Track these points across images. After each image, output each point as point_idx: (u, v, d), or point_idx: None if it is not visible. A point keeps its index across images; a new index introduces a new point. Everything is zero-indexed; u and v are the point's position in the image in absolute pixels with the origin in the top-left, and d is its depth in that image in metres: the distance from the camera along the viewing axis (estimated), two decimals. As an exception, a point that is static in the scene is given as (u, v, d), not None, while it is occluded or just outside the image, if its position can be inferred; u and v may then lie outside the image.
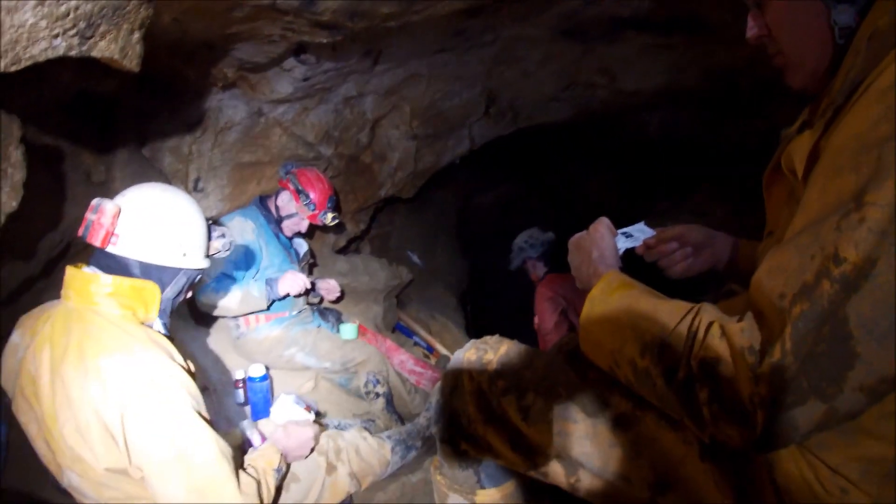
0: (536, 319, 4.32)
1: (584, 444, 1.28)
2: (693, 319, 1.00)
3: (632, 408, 1.25)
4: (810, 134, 0.97)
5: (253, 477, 1.70)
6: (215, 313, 3.21)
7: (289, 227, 3.52)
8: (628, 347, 1.08)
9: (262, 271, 3.36)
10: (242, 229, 3.25)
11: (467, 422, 1.45)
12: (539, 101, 4.46)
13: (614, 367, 1.14)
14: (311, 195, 3.37)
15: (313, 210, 3.40)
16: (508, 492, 1.52)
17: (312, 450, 2.15)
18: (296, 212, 3.44)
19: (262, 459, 1.81)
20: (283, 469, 1.90)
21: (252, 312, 3.29)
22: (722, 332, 0.95)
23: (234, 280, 3.21)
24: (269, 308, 3.32)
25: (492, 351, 1.48)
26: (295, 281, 3.25)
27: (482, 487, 1.51)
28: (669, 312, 1.04)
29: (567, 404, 1.32)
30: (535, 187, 7.65)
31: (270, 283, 3.23)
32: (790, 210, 1.01)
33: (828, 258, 0.82)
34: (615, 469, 1.24)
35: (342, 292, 3.82)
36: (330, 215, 3.47)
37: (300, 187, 3.36)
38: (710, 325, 0.97)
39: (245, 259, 3.26)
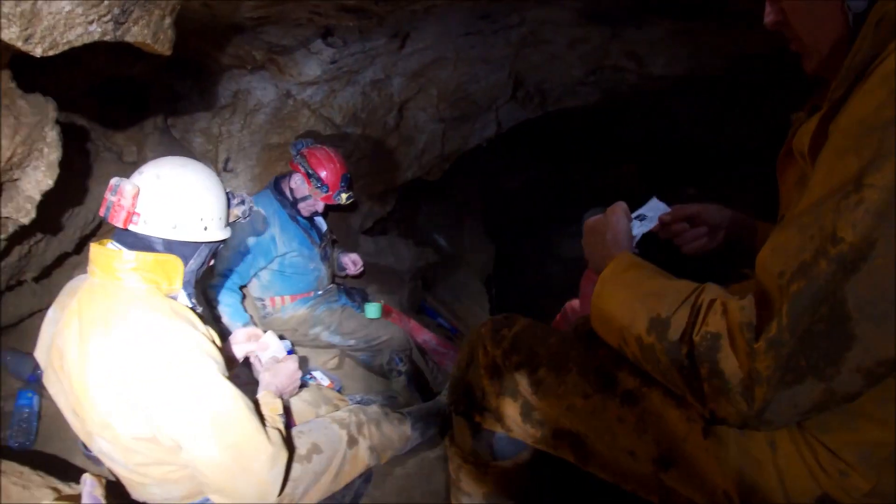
0: (577, 303, 4.26)
1: (593, 418, 1.31)
2: (697, 297, 1.03)
3: (639, 384, 1.28)
4: (818, 117, 0.98)
5: (273, 427, 1.76)
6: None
7: (305, 208, 3.46)
8: (636, 325, 1.11)
9: (281, 259, 3.37)
10: (254, 220, 3.19)
11: (481, 394, 1.48)
12: (567, 85, 4.45)
13: (623, 345, 1.17)
14: (323, 177, 3.29)
15: (327, 192, 3.32)
16: (518, 465, 1.55)
17: (304, 384, 2.21)
18: (309, 194, 3.38)
19: (266, 408, 1.86)
20: (284, 413, 1.95)
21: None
22: (723, 310, 0.97)
23: (233, 291, 3.22)
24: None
25: (507, 327, 1.51)
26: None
27: (494, 459, 1.55)
28: (676, 291, 1.07)
29: (576, 379, 1.35)
30: (563, 173, 7.62)
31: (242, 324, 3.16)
32: (800, 194, 1.02)
33: (826, 238, 0.83)
34: (621, 444, 1.27)
35: (363, 269, 3.87)
36: (344, 195, 3.37)
37: (311, 170, 3.28)
38: (713, 302, 1.00)
39: (251, 254, 3.25)
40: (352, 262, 3.78)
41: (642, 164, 6.61)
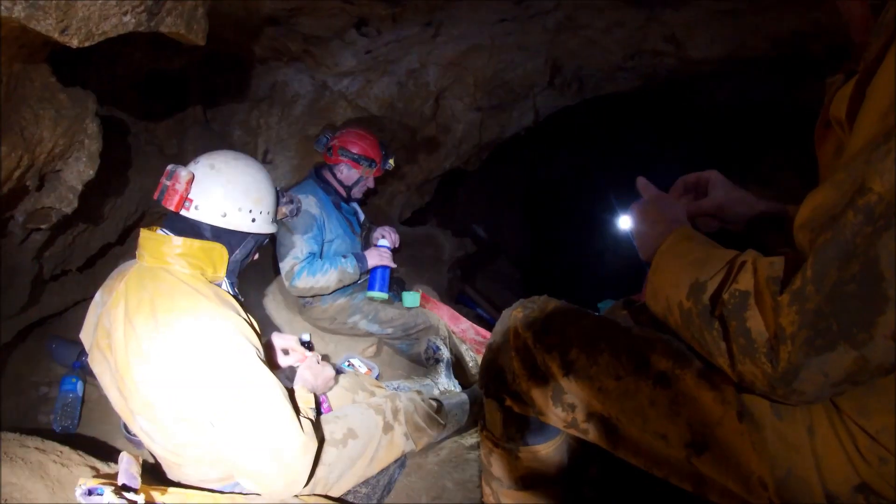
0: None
1: (624, 401, 1.28)
2: (735, 259, 1.01)
3: (672, 366, 1.25)
4: (854, 81, 0.94)
5: (306, 417, 1.80)
6: (312, 294, 3.32)
7: (358, 191, 3.55)
8: (679, 291, 1.08)
9: (327, 245, 3.42)
10: (308, 206, 3.29)
11: (512, 378, 1.46)
12: (605, 71, 4.38)
13: (667, 314, 1.14)
14: (369, 155, 3.38)
15: (376, 166, 3.42)
16: (552, 449, 1.53)
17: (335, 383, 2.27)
18: (360, 176, 3.45)
19: (300, 401, 1.89)
20: (317, 408, 1.99)
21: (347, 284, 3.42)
22: (754, 268, 0.95)
23: (320, 258, 3.32)
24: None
25: (539, 309, 1.49)
26: (381, 255, 3.42)
27: (525, 444, 1.53)
28: (719, 258, 1.04)
29: (609, 361, 1.32)
30: (605, 160, 7.54)
31: (360, 257, 3.36)
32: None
33: (856, 191, 0.80)
34: (653, 427, 1.24)
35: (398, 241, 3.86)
36: (391, 160, 3.48)
37: (356, 155, 3.36)
38: (745, 262, 0.97)
39: (320, 234, 3.36)
40: (387, 235, 3.70)
41: (686, 150, 6.49)
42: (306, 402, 1.91)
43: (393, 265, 3.47)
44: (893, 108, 0.79)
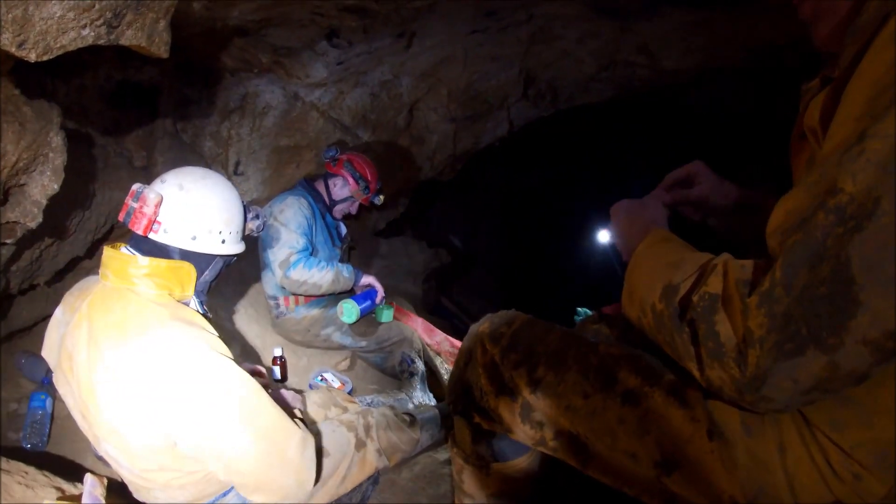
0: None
1: (593, 419, 1.27)
2: (708, 263, 1.00)
3: (640, 384, 1.24)
4: (828, 89, 0.94)
5: (298, 418, 1.80)
6: (302, 291, 3.29)
7: (340, 210, 3.59)
8: (652, 294, 1.07)
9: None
10: (300, 206, 3.31)
11: (480, 394, 1.45)
12: (579, 82, 4.40)
13: (641, 317, 1.12)
14: (367, 179, 3.46)
15: (367, 193, 3.49)
16: (523, 465, 1.52)
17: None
18: (350, 195, 3.50)
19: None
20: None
21: (337, 293, 3.45)
22: (724, 270, 0.94)
23: (315, 257, 3.33)
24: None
25: (506, 325, 1.48)
26: (376, 281, 3.50)
27: (496, 460, 1.52)
28: (693, 261, 1.03)
29: (577, 378, 1.31)
30: (581, 171, 7.58)
31: (357, 269, 3.41)
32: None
33: (827, 192, 0.80)
34: (622, 446, 1.23)
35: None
36: (382, 196, 3.58)
37: (357, 173, 3.43)
38: (716, 265, 0.97)
39: (310, 233, 3.37)
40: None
41: (662, 160, 6.55)
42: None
43: (382, 295, 3.50)
44: (868, 111, 0.79)
